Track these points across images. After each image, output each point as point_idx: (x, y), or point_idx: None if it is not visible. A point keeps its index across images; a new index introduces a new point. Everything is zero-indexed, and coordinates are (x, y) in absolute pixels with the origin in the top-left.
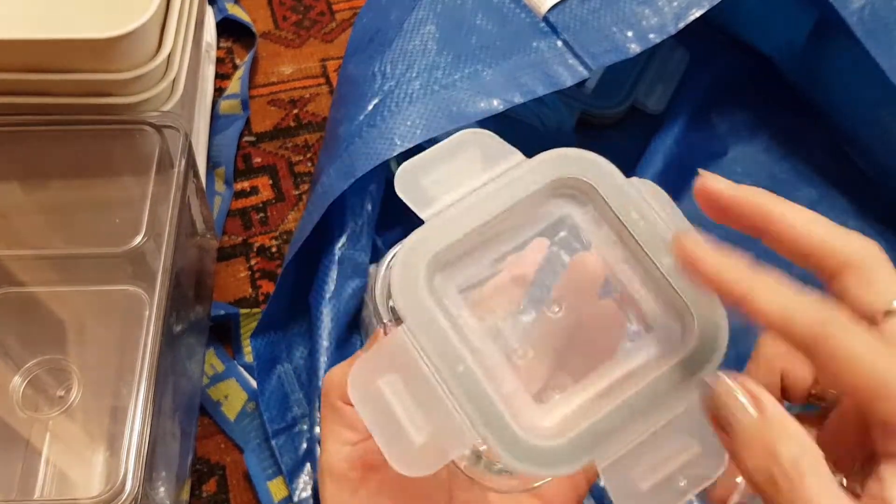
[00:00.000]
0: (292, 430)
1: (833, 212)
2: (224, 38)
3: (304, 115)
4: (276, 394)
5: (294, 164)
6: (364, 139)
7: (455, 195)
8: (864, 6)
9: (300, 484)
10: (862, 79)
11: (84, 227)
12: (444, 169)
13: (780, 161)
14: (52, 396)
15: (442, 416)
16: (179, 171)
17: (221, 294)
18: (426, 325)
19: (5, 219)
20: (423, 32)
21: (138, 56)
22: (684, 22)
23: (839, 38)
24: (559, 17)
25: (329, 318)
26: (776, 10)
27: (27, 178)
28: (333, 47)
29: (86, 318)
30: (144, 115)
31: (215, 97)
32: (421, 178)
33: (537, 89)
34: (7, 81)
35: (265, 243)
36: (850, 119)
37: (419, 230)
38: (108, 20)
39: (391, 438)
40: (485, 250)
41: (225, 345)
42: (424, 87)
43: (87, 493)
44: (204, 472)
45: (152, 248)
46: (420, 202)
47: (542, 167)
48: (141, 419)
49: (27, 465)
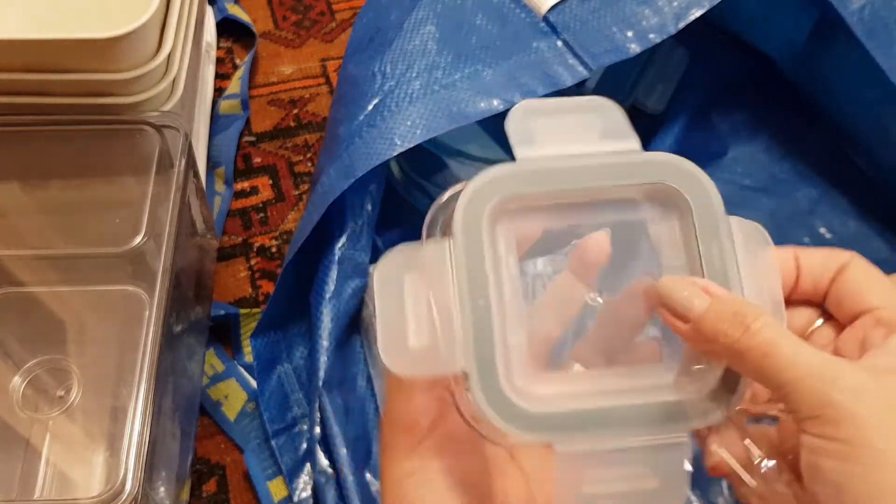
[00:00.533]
0: (292, 430)
1: (833, 212)
2: (224, 38)
3: (304, 115)
4: (276, 394)
5: (294, 164)
6: (364, 139)
7: (558, 150)
8: (864, 6)
9: (300, 484)
10: (862, 79)
11: (84, 227)
12: (560, 122)
13: (780, 161)
14: (52, 396)
15: (443, 334)
16: (179, 171)
17: (221, 294)
18: (472, 247)
19: (5, 219)
20: (423, 32)
21: (138, 56)
22: (684, 22)
23: (839, 38)
24: (559, 17)
25: (329, 318)
26: (776, 10)
27: (27, 178)
28: (333, 47)
29: (86, 318)
30: (144, 115)
31: (215, 97)
32: (533, 120)
33: (537, 89)
34: (7, 81)
35: (265, 243)
36: (850, 119)
37: (507, 164)
38: (107, 20)
39: (391, 330)
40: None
41: (225, 345)
42: (424, 87)
43: (87, 493)
44: (204, 472)
45: (152, 248)
46: (521, 140)
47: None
48: (141, 419)
49: (27, 465)
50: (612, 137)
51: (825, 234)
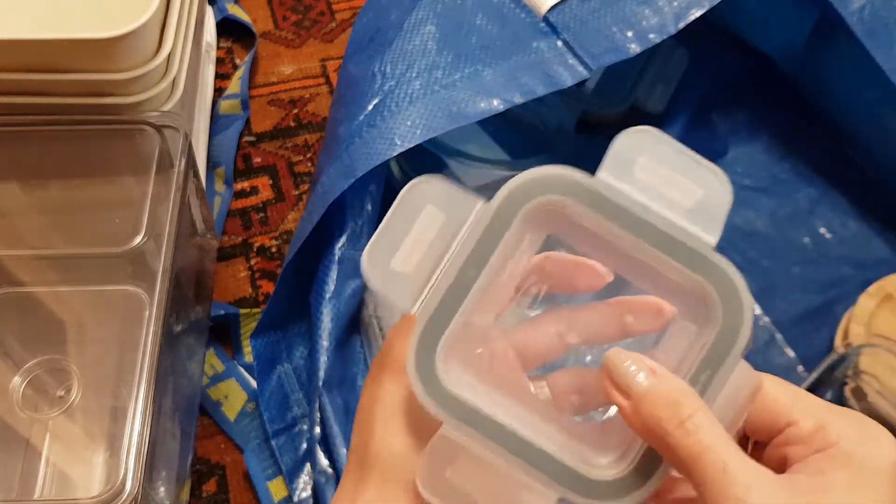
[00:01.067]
0: (292, 430)
1: (833, 212)
2: (224, 38)
3: (304, 115)
4: (276, 394)
5: (294, 164)
6: (364, 139)
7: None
8: (864, 6)
9: (300, 484)
10: (862, 79)
11: (84, 227)
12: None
13: (780, 161)
14: (52, 396)
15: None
16: (179, 171)
17: (221, 294)
18: (500, 221)
19: (5, 219)
20: (423, 32)
21: (138, 56)
22: (684, 22)
23: (839, 38)
24: (559, 17)
25: (329, 318)
26: (776, 10)
27: (27, 178)
28: (333, 47)
29: (86, 318)
30: (144, 115)
31: (215, 97)
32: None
33: (537, 89)
34: (7, 81)
35: (265, 243)
36: (850, 119)
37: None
38: (108, 20)
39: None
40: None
41: (225, 345)
42: (424, 87)
43: (87, 493)
44: (204, 472)
45: (152, 248)
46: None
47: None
48: (141, 419)
49: (27, 465)
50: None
51: (825, 234)
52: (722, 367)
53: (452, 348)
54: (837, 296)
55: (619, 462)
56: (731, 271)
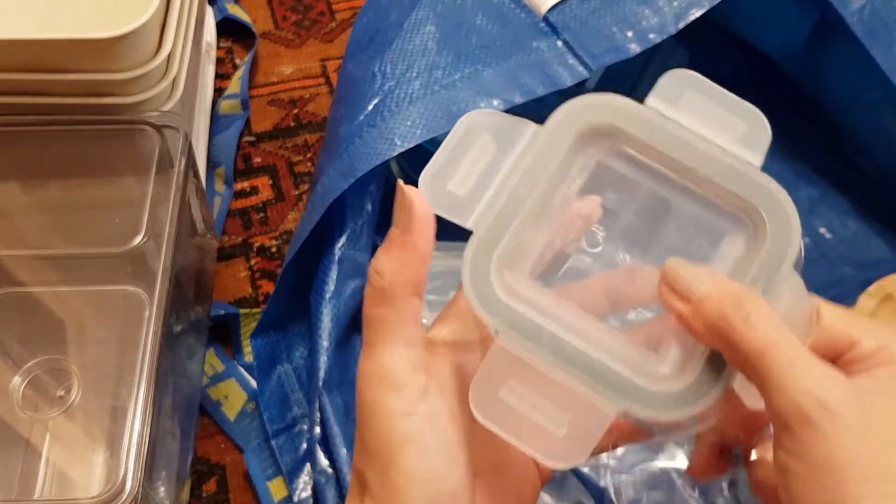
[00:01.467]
0: (292, 430)
1: (833, 212)
2: (224, 38)
3: (304, 115)
4: (276, 394)
5: (294, 164)
6: (364, 139)
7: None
8: (864, 6)
9: (300, 484)
10: (862, 79)
11: (84, 227)
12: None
13: (780, 161)
14: (52, 396)
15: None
16: (179, 171)
17: (221, 294)
18: (554, 143)
19: (5, 219)
20: (423, 32)
21: (138, 56)
22: (684, 22)
23: (839, 38)
24: (559, 17)
25: (329, 318)
26: (776, 10)
27: (27, 178)
28: (333, 47)
29: (86, 318)
30: (144, 115)
31: (215, 97)
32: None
33: (537, 89)
34: (7, 81)
35: (265, 243)
36: (850, 119)
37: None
38: (107, 20)
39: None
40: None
41: (225, 345)
42: (424, 87)
43: (87, 493)
44: (204, 472)
45: (152, 248)
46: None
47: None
48: (141, 419)
49: (27, 465)
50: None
51: (825, 234)
52: (777, 276)
53: (507, 264)
54: (837, 296)
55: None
56: (778, 190)
